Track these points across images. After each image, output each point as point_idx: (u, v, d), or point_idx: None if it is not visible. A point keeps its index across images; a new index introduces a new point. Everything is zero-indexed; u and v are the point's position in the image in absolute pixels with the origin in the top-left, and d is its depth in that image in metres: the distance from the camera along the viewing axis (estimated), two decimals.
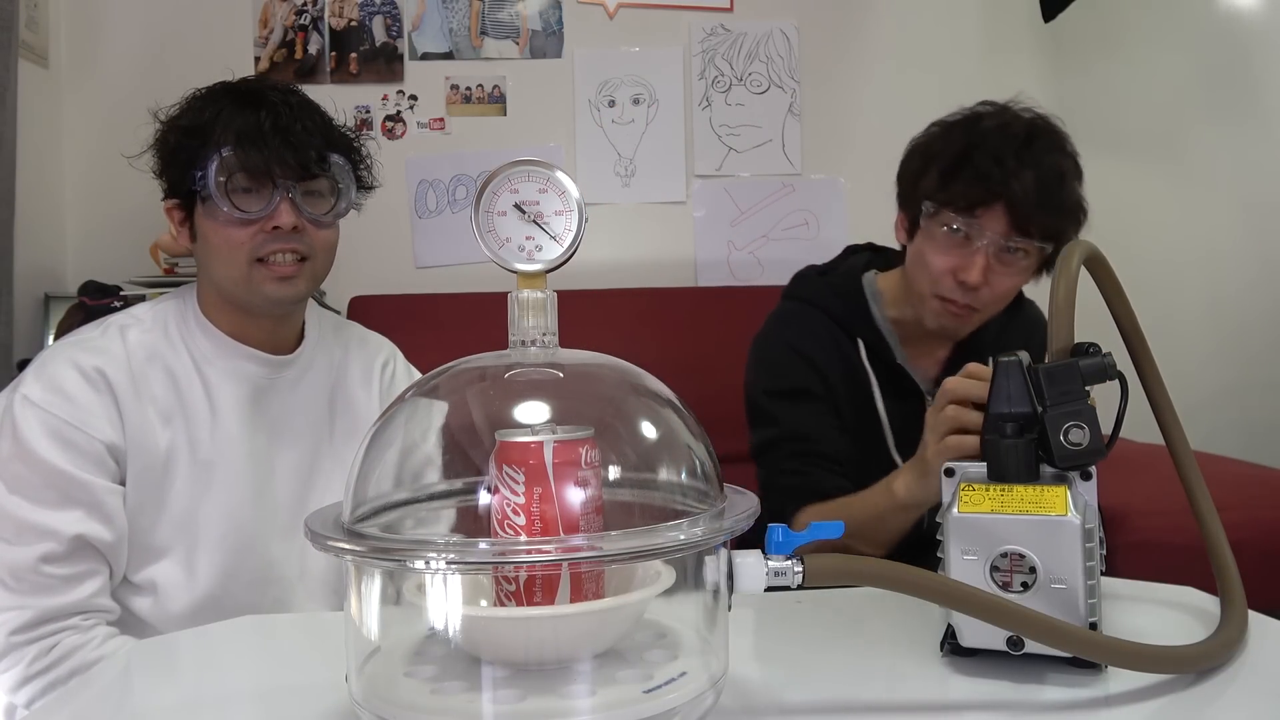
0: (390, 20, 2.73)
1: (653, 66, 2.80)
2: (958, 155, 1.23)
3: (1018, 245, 1.21)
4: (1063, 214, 1.21)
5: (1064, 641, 0.68)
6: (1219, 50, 2.94)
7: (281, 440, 1.25)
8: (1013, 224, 1.20)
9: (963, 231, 1.23)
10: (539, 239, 0.67)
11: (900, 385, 1.37)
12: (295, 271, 1.18)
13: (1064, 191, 1.21)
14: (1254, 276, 2.96)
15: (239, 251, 1.16)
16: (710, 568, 0.63)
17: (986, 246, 1.22)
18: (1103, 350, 0.74)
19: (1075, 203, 1.24)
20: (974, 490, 0.75)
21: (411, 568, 0.59)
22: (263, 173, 1.14)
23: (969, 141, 1.24)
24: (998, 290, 1.25)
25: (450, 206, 2.75)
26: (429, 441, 0.67)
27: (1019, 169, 1.18)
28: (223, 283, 1.19)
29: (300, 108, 1.18)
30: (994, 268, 1.23)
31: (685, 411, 0.68)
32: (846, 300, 1.40)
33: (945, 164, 1.24)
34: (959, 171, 1.22)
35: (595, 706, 0.60)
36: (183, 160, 1.16)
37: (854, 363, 1.37)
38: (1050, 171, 1.20)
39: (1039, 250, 1.24)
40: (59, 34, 2.56)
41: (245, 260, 1.16)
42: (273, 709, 0.74)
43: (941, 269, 1.25)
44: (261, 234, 1.15)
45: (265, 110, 1.15)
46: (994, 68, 2.85)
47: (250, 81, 1.23)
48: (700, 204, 2.81)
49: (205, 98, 1.19)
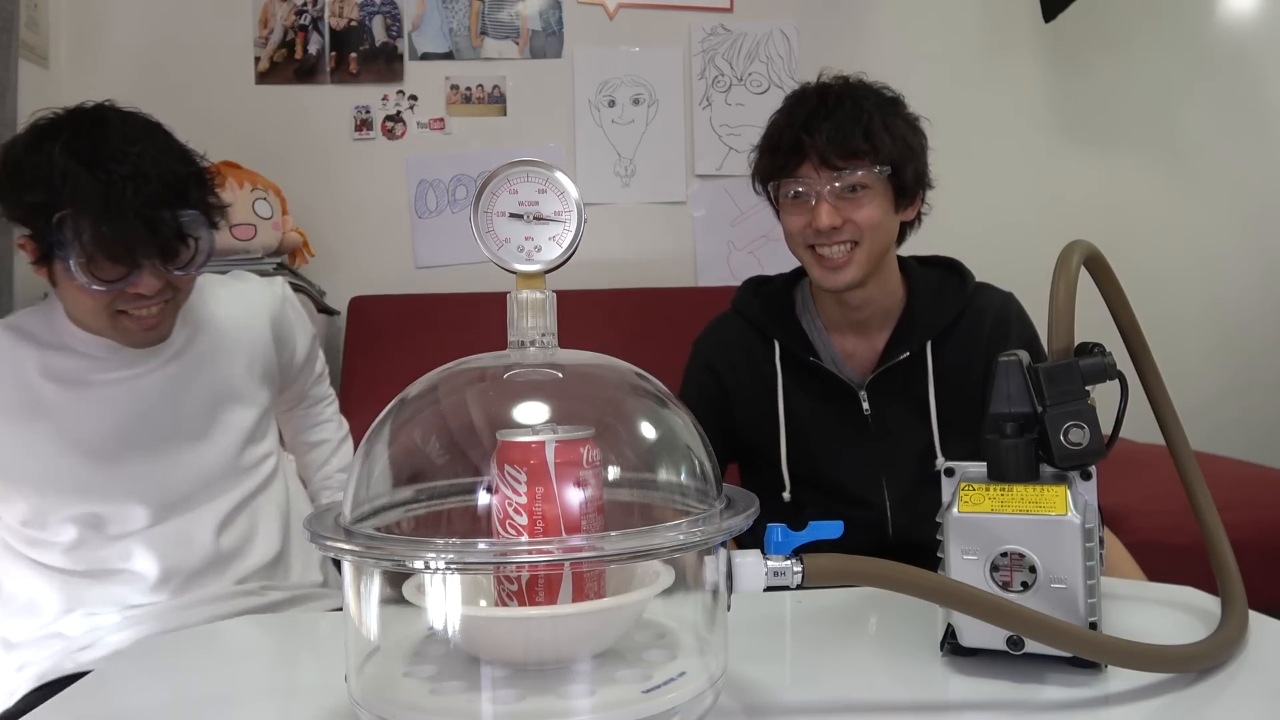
0: (390, 20, 2.73)
1: (653, 66, 2.80)
2: (768, 136, 1.37)
3: (844, 181, 1.30)
4: (874, 140, 1.29)
5: (1064, 641, 0.68)
6: (1219, 50, 2.94)
7: (168, 395, 1.28)
8: (826, 166, 1.30)
9: (794, 190, 1.33)
10: (538, 239, 0.67)
11: (827, 385, 1.38)
12: (158, 320, 1.21)
13: (870, 124, 1.30)
14: (1254, 276, 2.96)
15: (102, 311, 1.18)
16: (710, 568, 0.63)
17: (821, 193, 1.31)
18: (1105, 350, 0.74)
19: (892, 129, 1.32)
20: (974, 490, 0.75)
21: (411, 568, 0.59)
22: (123, 253, 1.12)
23: (773, 121, 1.38)
24: (860, 223, 1.31)
25: (450, 206, 2.75)
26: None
27: (813, 122, 1.30)
28: (85, 326, 1.22)
29: (152, 164, 1.13)
30: (841, 207, 1.31)
31: (685, 412, 0.68)
32: (767, 303, 1.44)
33: (763, 145, 1.38)
34: (772, 146, 1.36)
35: (594, 706, 0.60)
36: (33, 225, 1.13)
37: (768, 366, 1.40)
38: (847, 114, 1.30)
39: (877, 177, 1.31)
40: (59, 34, 2.56)
41: (107, 316, 1.18)
42: (272, 709, 0.74)
43: (799, 227, 1.34)
44: (122, 296, 1.16)
45: (117, 183, 1.10)
46: (994, 68, 2.85)
47: (96, 127, 1.15)
48: (700, 204, 2.81)
49: (51, 160, 1.11)
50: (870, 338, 1.40)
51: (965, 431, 1.34)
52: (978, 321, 1.38)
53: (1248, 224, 2.96)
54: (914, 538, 1.32)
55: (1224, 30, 2.95)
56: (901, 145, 1.32)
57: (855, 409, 1.36)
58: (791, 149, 1.32)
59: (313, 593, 1.36)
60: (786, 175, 1.33)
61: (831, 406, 1.37)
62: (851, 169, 1.30)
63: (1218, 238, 2.94)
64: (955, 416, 1.34)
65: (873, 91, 1.36)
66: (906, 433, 1.35)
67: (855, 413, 1.36)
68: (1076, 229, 1.14)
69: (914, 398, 1.35)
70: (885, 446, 1.35)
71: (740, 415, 1.42)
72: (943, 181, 1.43)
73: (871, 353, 1.39)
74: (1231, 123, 2.94)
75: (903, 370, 1.35)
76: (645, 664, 0.64)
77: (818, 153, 1.30)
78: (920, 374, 1.35)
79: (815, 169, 1.31)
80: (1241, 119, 2.95)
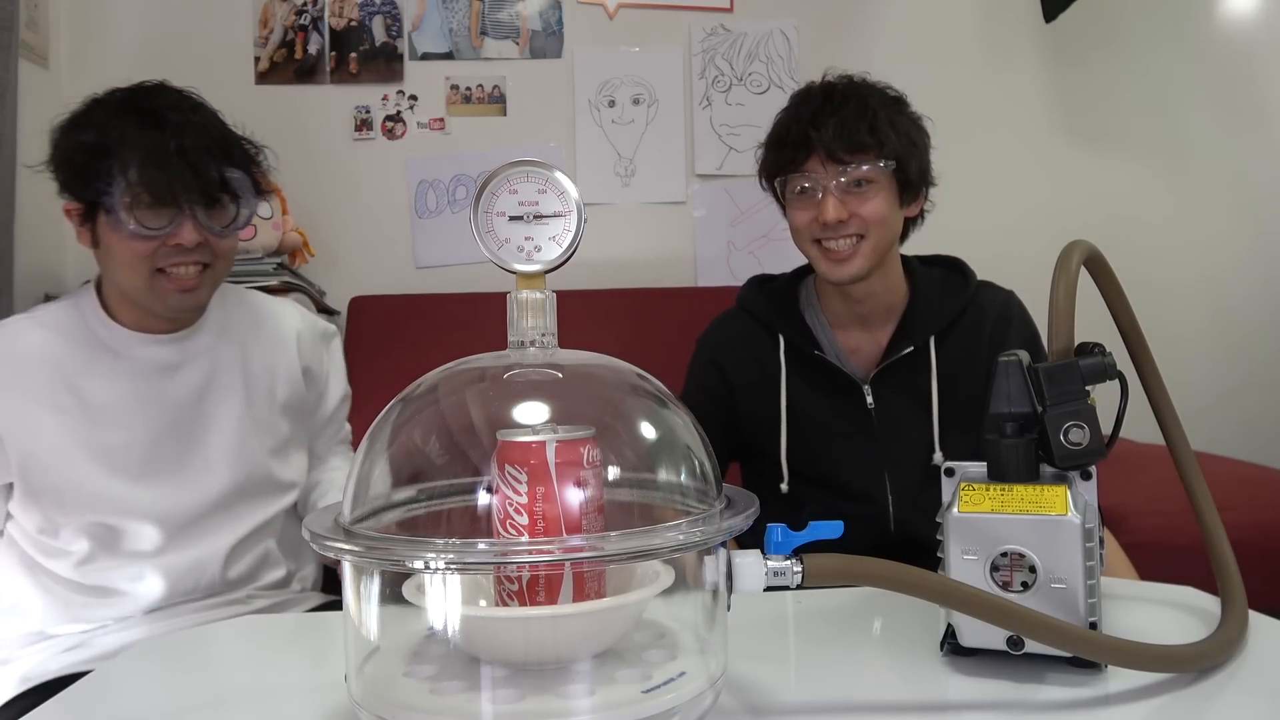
0: (390, 20, 2.73)
1: (653, 66, 2.80)
2: (775, 132, 1.40)
3: (850, 175, 1.31)
4: (880, 135, 1.31)
5: (1064, 641, 0.68)
6: (1219, 50, 2.94)
7: (201, 415, 1.28)
8: (833, 160, 1.31)
9: (801, 186, 1.35)
10: (538, 239, 0.67)
11: (832, 379, 1.38)
12: (197, 282, 1.22)
13: (875, 119, 1.32)
14: (1254, 276, 2.96)
15: (141, 263, 1.19)
16: (709, 568, 0.63)
17: (828, 187, 1.32)
18: (1105, 350, 0.74)
19: (897, 125, 1.34)
20: (974, 490, 0.75)
21: (411, 568, 0.59)
22: (167, 194, 1.16)
23: (779, 119, 1.40)
24: (866, 216, 1.32)
25: (450, 207, 2.75)
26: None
27: (820, 118, 1.32)
28: (125, 288, 1.23)
29: (202, 127, 1.20)
30: (847, 202, 1.32)
31: (685, 412, 0.68)
32: (772, 299, 1.45)
33: (769, 142, 1.41)
34: (779, 141, 1.38)
35: (594, 706, 0.60)
36: (84, 172, 1.18)
37: (772, 361, 1.41)
38: (853, 110, 1.32)
39: (882, 172, 1.32)
40: (59, 34, 2.56)
41: (147, 271, 1.20)
42: (272, 709, 0.74)
43: (805, 222, 1.35)
44: (164, 247, 1.19)
45: (169, 131, 1.16)
46: (994, 68, 2.85)
47: (152, 93, 1.22)
48: (700, 204, 2.81)
49: (107, 110, 1.19)
50: (874, 333, 1.40)
51: (966, 428, 1.35)
52: (980, 318, 1.39)
53: (1248, 224, 2.96)
54: (915, 533, 1.33)
55: (1224, 30, 2.95)
56: (906, 141, 1.34)
57: (859, 403, 1.37)
58: (798, 144, 1.33)
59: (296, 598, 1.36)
60: (793, 170, 1.35)
61: (835, 401, 1.38)
62: (857, 163, 1.31)
63: (1218, 238, 2.94)
64: (957, 413, 1.35)
65: (877, 90, 1.37)
66: (909, 428, 1.35)
67: (859, 407, 1.37)
68: (1076, 229, 1.14)
69: (917, 393, 1.35)
70: (888, 441, 1.36)
71: (744, 411, 1.42)
72: (943, 181, 1.43)
73: (875, 348, 1.40)
74: (1231, 122, 2.94)
75: (906, 365, 1.36)
76: (645, 664, 0.64)
77: (824, 147, 1.31)
78: (924, 369, 1.36)
79: (822, 163, 1.32)
80: (1241, 119, 2.95)
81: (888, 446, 1.36)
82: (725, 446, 1.42)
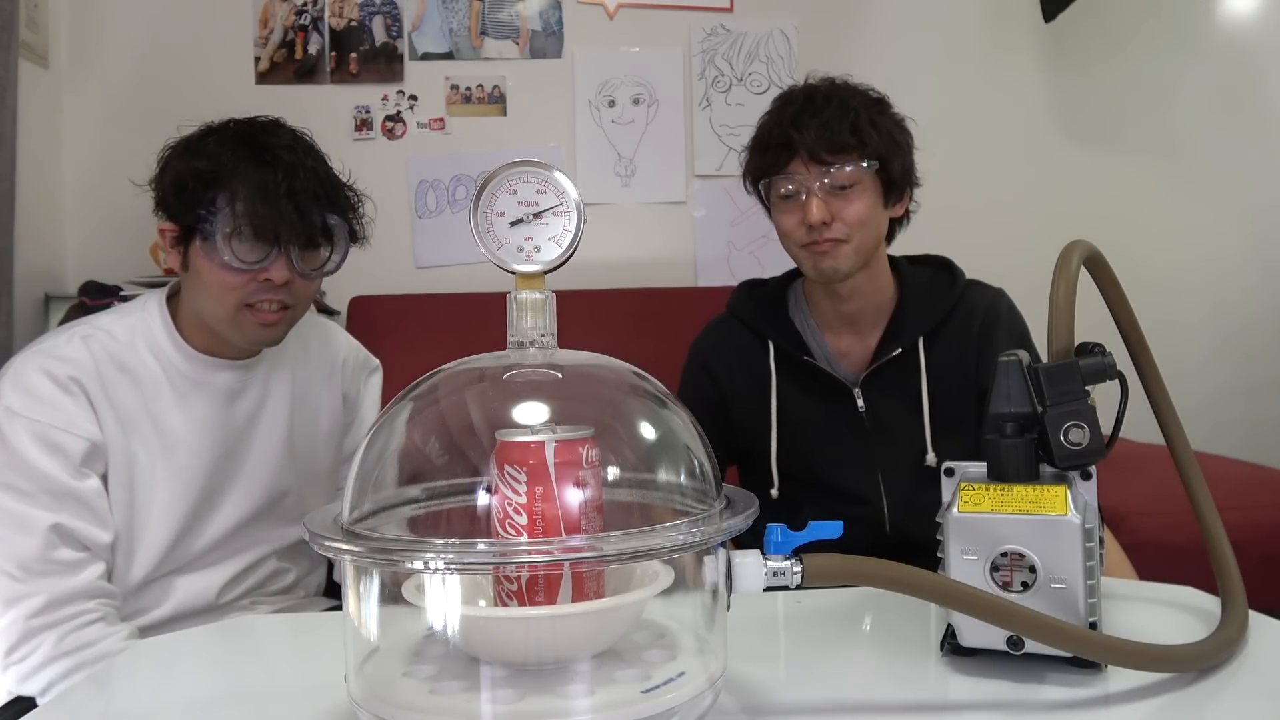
0: (390, 20, 2.73)
1: (653, 66, 2.80)
2: (758, 136, 1.40)
3: (833, 176, 1.31)
4: (862, 135, 1.31)
5: (1064, 641, 0.68)
6: (1219, 51, 2.94)
7: (247, 441, 1.29)
8: (815, 161, 1.32)
9: (785, 188, 1.34)
10: (537, 240, 0.67)
11: (822, 384, 1.38)
12: (278, 320, 1.22)
13: (857, 120, 1.32)
14: (1254, 276, 2.96)
15: (230, 294, 1.19)
16: (709, 568, 0.63)
17: (811, 188, 1.32)
18: (1105, 350, 0.74)
19: (879, 125, 1.34)
20: (974, 490, 0.75)
21: (411, 568, 0.59)
22: (269, 232, 1.17)
23: (761, 123, 1.40)
24: (850, 218, 1.32)
25: (450, 207, 2.75)
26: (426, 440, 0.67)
27: (802, 120, 1.33)
28: (206, 316, 1.23)
29: (312, 170, 1.21)
30: (831, 203, 1.32)
31: (684, 412, 0.68)
32: (761, 304, 1.45)
33: (753, 145, 1.41)
34: (762, 144, 1.38)
35: (594, 706, 0.60)
36: (190, 197, 1.18)
37: (762, 366, 1.41)
38: (835, 112, 1.32)
39: (865, 172, 1.32)
40: (59, 34, 2.56)
41: (234, 303, 1.20)
42: (272, 709, 0.74)
43: (792, 224, 1.35)
44: (254, 282, 1.19)
45: (281, 171, 1.17)
46: (994, 68, 2.85)
47: (267, 129, 1.23)
48: (700, 204, 2.81)
49: (222, 140, 1.20)
50: (863, 336, 1.41)
51: (957, 427, 1.35)
52: (968, 318, 1.39)
53: (1247, 223, 2.96)
54: (911, 534, 1.33)
55: (1224, 30, 2.95)
56: (888, 141, 1.34)
57: (850, 406, 1.37)
58: (781, 146, 1.34)
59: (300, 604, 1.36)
60: (776, 172, 1.35)
61: (826, 405, 1.38)
62: (840, 164, 1.31)
63: (1217, 237, 2.94)
64: (948, 412, 1.35)
65: (859, 91, 1.38)
66: (901, 429, 1.36)
67: (850, 410, 1.37)
68: (1076, 229, 1.14)
69: (908, 394, 1.36)
70: (880, 443, 1.36)
71: (736, 417, 1.42)
72: (943, 181, 1.44)
73: (865, 351, 1.40)
74: (1231, 122, 2.94)
75: (896, 367, 1.36)
76: (644, 664, 0.64)
77: (807, 148, 1.31)
78: (913, 370, 1.36)
79: (805, 165, 1.32)
80: (1241, 119, 2.95)
81: (880, 449, 1.36)
82: (722, 451, 1.42)
